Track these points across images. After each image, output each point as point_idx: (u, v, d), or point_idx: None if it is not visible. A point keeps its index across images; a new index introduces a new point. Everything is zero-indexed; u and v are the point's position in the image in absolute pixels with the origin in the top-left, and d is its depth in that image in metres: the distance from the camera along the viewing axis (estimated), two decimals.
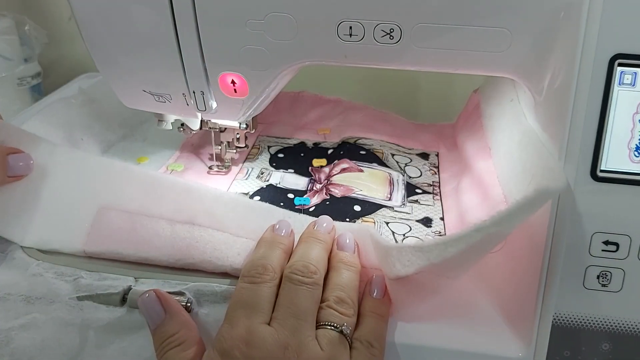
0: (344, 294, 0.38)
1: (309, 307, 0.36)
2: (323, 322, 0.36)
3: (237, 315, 0.36)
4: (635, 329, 0.38)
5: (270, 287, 0.37)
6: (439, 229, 0.49)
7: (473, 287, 0.42)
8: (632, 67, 0.35)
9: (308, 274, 0.37)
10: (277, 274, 0.38)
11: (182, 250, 0.42)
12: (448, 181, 0.57)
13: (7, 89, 0.75)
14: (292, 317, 0.35)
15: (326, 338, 0.35)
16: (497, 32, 0.38)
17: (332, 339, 0.35)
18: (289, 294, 0.37)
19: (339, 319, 0.36)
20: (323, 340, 0.35)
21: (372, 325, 0.37)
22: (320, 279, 0.38)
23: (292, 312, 0.36)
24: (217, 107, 0.49)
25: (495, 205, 0.43)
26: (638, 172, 0.36)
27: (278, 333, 0.35)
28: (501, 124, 0.50)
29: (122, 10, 0.44)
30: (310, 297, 0.37)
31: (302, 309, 0.36)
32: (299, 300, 0.36)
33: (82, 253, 0.44)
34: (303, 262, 0.38)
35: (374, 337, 0.37)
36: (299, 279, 0.37)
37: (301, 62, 0.44)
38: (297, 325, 0.35)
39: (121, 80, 0.50)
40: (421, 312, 0.40)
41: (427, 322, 0.40)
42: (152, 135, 0.64)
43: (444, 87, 0.81)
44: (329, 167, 0.58)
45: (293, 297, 0.36)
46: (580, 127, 0.36)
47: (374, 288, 0.40)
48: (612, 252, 0.37)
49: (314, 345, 0.35)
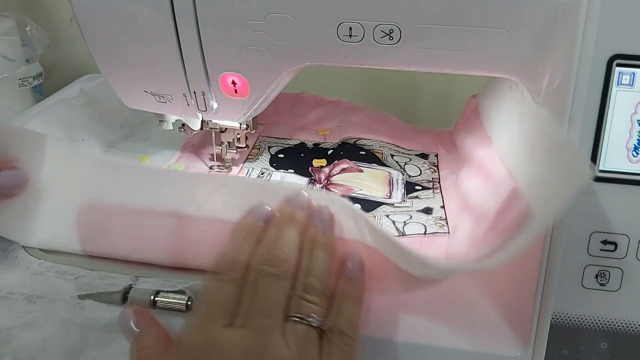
0: (314, 279, 0.34)
1: (277, 301, 0.33)
2: (292, 313, 0.33)
3: (197, 318, 0.33)
4: (633, 328, 0.38)
5: (237, 284, 0.34)
6: (440, 215, 0.49)
7: (472, 286, 0.42)
8: (630, 67, 0.35)
9: (277, 263, 0.34)
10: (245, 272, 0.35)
11: (180, 248, 0.42)
12: (448, 177, 0.57)
13: (9, 90, 0.75)
14: (258, 315, 0.32)
15: (294, 334, 0.32)
16: (496, 33, 0.39)
17: (300, 334, 0.32)
18: (254, 288, 0.33)
19: (307, 308, 0.33)
20: (290, 337, 0.32)
21: (345, 311, 0.35)
22: (291, 267, 0.34)
23: (258, 308, 0.33)
24: (218, 108, 0.49)
25: (500, 183, 0.42)
26: (636, 172, 0.36)
27: (239, 336, 0.32)
28: (500, 111, 0.50)
29: (123, 12, 0.44)
30: (278, 290, 0.33)
31: (269, 304, 0.33)
32: (266, 295, 0.33)
33: (82, 252, 0.44)
34: (272, 250, 0.35)
35: (347, 324, 0.34)
36: (267, 271, 0.34)
37: (301, 63, 0.44)
38: (262, 323, 0.32)
39: (122, 81, 0.50)
40: (413, 301, 0.39)
41: (425, 321, 0.40)
42: (153, 135, 0.64)
43: (444, 88, 0.82)
44: (329, 168, 0.58)
45: (259, 291, 0.33)
46: (578, 127, 0.36)
47: (349, 265, 0.36)
48: (610, 251, 0.37)
49: (280, 344, 0.32)
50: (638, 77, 0.35)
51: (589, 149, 0.36)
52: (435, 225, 0.47)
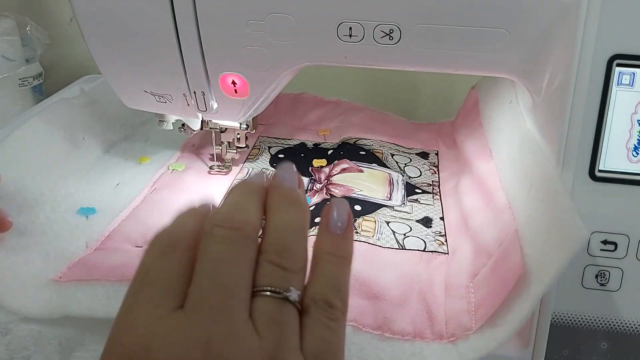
0: (287, 239, 0.26)
1: (238, 272, 0.24)
2: (260, 286, 0.24)
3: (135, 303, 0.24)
4: (633, 328, 0.38)
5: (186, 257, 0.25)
6: (439, 229, 0.49)
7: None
8: (630, 67, 0.35)
9: (236, 224, 0.25)
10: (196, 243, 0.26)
11: None
12: (448, 180, 0.57)
13: (9, 90, 0.75)
14: (214, 293, 0.24)
15: (264, 314, 0.24)
16: (496, 33, 0.39)
17: (272, 313, 0.24)
18: (208, 258, 0.25)
19: (281, 278, 0.25)
20: (260, 318, 0.24)
21: (330, 274, 0.26)
22: (254, 228, 0.26)
23: (214, 284, 0.24)
24: (218, 108, 0.49)
25: (499, 210, 0.43)
26: (636, 172, 0.36)
27: (191, 324, 0.23)
28: (501, 126, 0.50)
29: (123, 12, 0.44)
30: (240, 257, 0.25)
31: (228, 277, 0.24)
32: (224, 265, 0.24)
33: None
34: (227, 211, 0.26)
35: (333, 291, 0.26)
36: (222, 235, 0.25)
37: (301, 63, 0.44)
38: (221, 304, 0.23)
39: (122, 81, 0.50)
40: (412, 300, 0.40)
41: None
42: (153, 135, 0.64)
43: (444, 88, 0.82)
44: (329, 168, 0.58)
45: (215, 261, 0.24)
46: (578, 127, 0.36)
47: (333, 217, 0.28)
48: (610, 251, 0.37)
49: (246, 330, 0.23)
50: (638, 77, 0.35)
51: (589, 149, 0.36)
52: (434, 243, 0.47)
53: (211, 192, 0.55)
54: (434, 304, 0.40)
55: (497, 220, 0.42)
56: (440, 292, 0.41)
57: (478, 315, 0.37)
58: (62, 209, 0.50)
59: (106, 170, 0.57)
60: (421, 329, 0.38)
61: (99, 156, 0.59)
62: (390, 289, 0.40)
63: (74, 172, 0.54)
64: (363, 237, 0.47)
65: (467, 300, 0.39)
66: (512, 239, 0.38)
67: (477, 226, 0.45)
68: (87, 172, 0.56)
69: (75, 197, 0.52)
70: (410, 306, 0.40)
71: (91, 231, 0.47)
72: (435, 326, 0.38)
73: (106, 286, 0.40)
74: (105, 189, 0.54)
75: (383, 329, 0.38)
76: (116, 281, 0.40)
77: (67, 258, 0.43)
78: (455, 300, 0.40)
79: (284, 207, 0.27)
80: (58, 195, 0.51)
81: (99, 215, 0.49)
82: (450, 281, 0.42)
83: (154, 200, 0.52)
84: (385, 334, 0.37)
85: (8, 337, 0.39)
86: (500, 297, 0.35)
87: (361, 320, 0.38)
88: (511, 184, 0.43)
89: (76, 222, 0.48)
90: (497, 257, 0.39)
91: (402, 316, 0.39)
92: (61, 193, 0.51)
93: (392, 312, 0.39)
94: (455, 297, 0.40)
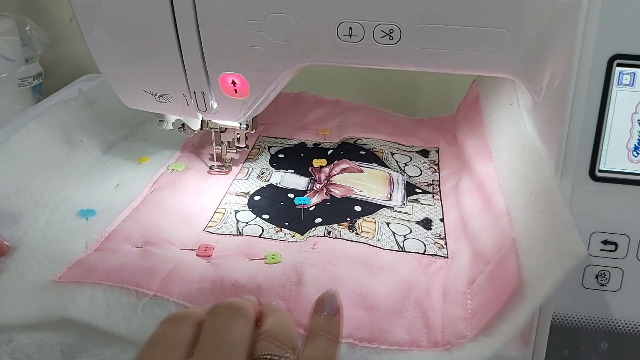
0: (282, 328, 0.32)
1: (239, 336, 0.30)
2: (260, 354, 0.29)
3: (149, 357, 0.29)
4: (633, 328, 0.38)
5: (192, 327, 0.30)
6: (439, 232, 0.49)
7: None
8: (630, 67, 0.35)
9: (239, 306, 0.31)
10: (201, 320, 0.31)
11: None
12: (448, 179, 0.57)
13: (9, 89, 0.75)
14: (218, 349, 0.29)
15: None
16: (496, 33, 0.39)
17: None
18: (213, 325, 0.30)
19: (278, 348, 0.30)
20: None
21: (322, 347, 0.31)
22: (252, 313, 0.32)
23: (218, 342, 0.29)
24: (218, 108, 0.49)
25: (498, 216, 0.43)
26: (637, 172, 0.36)
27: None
28: (501, 127, 0.50)
29: (123, 11, 0.44)
30: (240, 326, 0.30)
31: (230, 338, 0.29)
32: (227, 329, 0.30)
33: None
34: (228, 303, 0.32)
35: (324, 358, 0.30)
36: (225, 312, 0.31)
37: (301, 63, 0.44)
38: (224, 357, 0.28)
39: (122, 81, 0.50)
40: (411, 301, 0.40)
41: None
42: (153, 135, 0.64)
43: (444, 88, 0.82)
44: (329, 167, 0.58)
45: (219, 326, 0.30)
46: (579, 127, 0.36)
47: (325, 306, 0.33)
48: (610, 251, 0.37)
49: None
50: (638, 77, 0.35)
51: (589, 149, 0.36)
52: (434, 246, 0.47)
53: (211, 191, 0.55)
54: (431, 310, 0.40)
55: (495, 226, 0.42)
56: (437, 299, 0.41)
57: (474, 323, 0.37)
58: (62, 212, 0.50)
59: (106, 171, 0.57)
60: (417, 337, 0.38)
61: (98, 157, 0.59)
62: (388, 298, 0.40)
63: (74, 174, 0.54)
64: (363, 238, 0.47)
65: (464, 307, 0.39)
66: (509, 247, 0.38)
67: (475, 230, 0.45)
68: (86, 172, 0.56)
69: (75, 199, 0.52)
70: (407, 314, 0.39)
71: (91, 232, 0.47)
72: (432, 334, 0.38)
73: (106, 291, 0.40)
74: (104, 190, 0.53)
75: (379, 341, 0.37)
76: (117, 286, 0.40)
77: (66, 259, 0.43)
78: (452, 307, 0.39)
79: (276, 312, 0.34)
80: (58, 198, 0.51)
81: (98, 216, 0.49)
82: (449, 287, 0.41)
83: (153, 201, 0.52)
84: (381, 347, 0.37)
85: (12, 344, 0.39)
86: (495, 306, 0.36)
87: (357, 335, 0.38)
88: (510, 190, 0.43)
89: (76, 224, 0.48)
90: (494, 265, 0.39)
91: (398, 325, 0.38)
92: (61, 195, 0.51)
93: (389, 322, 0.39)
94: (452, 303, 0.40)
